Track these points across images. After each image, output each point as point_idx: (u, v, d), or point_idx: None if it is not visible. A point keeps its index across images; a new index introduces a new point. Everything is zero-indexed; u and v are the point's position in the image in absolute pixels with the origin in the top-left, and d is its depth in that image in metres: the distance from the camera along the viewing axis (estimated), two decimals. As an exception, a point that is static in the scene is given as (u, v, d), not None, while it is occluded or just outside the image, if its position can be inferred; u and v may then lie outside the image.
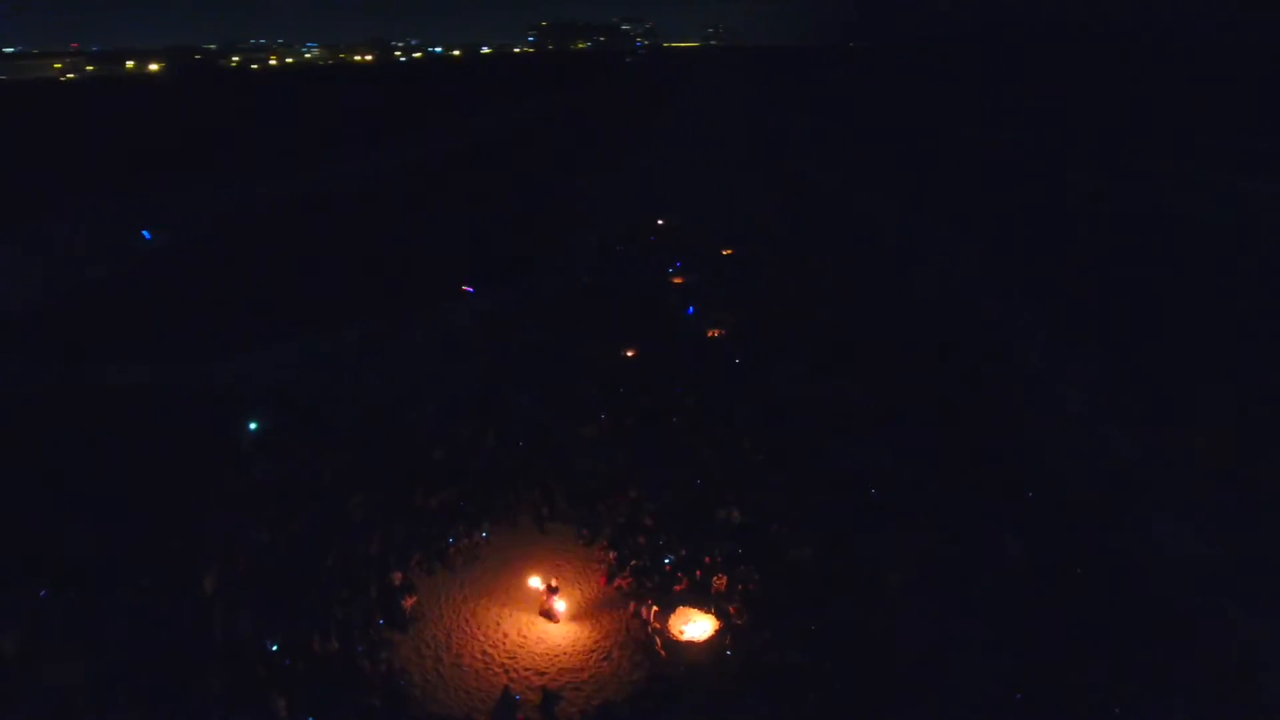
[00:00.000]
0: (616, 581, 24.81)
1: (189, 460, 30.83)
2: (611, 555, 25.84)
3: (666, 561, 25.32)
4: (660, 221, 71.45)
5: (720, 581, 24.19)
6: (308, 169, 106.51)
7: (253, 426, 32.46)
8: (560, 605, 23.51)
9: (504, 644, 22.66)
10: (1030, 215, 77.23)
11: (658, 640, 22.39)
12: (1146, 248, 65.03)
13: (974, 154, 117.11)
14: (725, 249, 62.80)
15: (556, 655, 22.21)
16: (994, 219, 75.35)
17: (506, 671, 21.58)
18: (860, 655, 21.14)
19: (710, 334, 45.72)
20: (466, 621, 23.50)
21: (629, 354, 42.87)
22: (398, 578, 24.58)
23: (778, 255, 61.07)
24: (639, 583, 24.60)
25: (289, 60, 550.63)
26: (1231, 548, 26.01)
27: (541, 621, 23.47)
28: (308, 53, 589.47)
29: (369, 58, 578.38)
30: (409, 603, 23.75)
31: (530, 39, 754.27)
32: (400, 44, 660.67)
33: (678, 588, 24.43)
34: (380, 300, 51.10)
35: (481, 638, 22.87)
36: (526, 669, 21.70)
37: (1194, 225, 72.27)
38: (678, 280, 55.92)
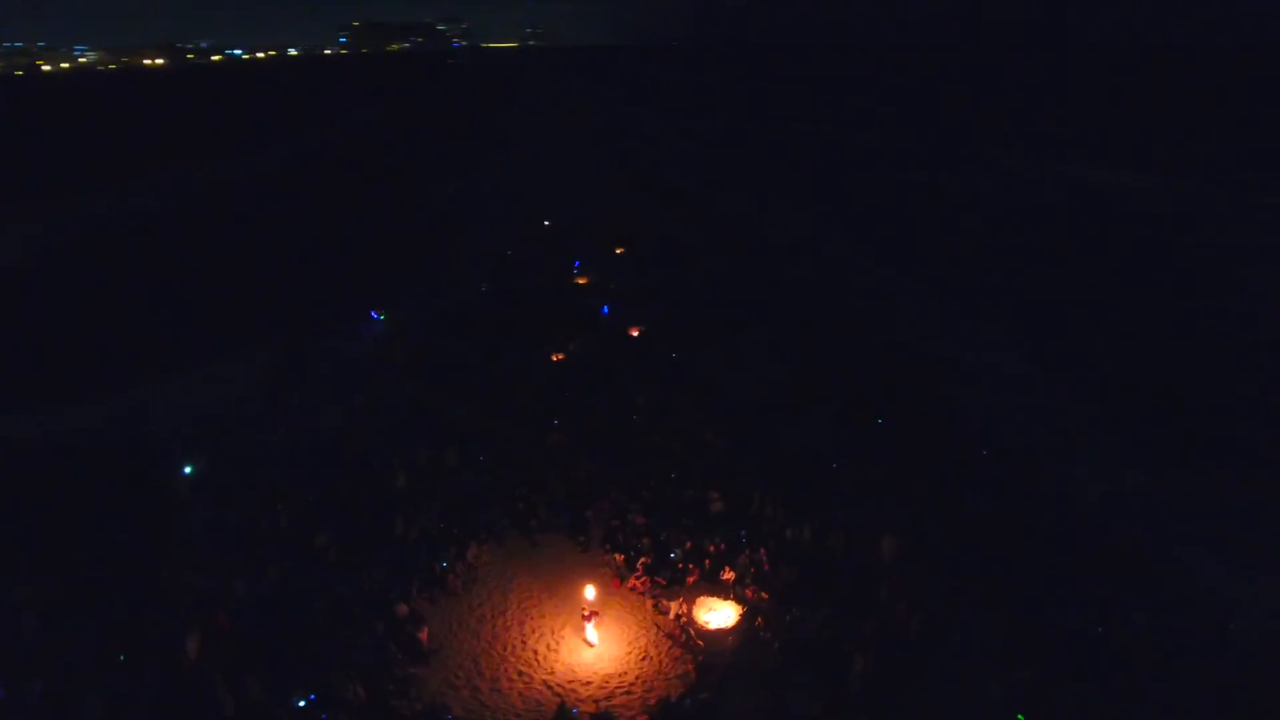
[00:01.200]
0: (630, 581, 24.93)
1: (126, 515, 27.44)
2: (619, 557, 25.89)
3: (672, 555, 25.76)
4: (546, 223, 71.00)
5: (731, 568, 24.98)
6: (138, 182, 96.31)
7: (187, 470, 29.24)
8: (592, 634, 22.98)
9: (537, 661, 22.16)
10: (889, 202, 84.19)
11: (690, 632, 22.83)
12: (994, 225, 73.09)
13: (821, 149, 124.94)
14: (617, 248, 63.59)
15: (594, 663, 22.05)
16: (852, 206, 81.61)
17: (550, 688, 21.17)
18: (880, 622, 22.61)
19: (631, 331, 46.28)
20: (490, 644, 22.72)
21: (556, 358, 42.62)
22: (403, 610, 23.34)
23: (668, 253, 62.65)
24: (653, 580, 24.86)
25: (64, 65, 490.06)
26: (1145, 487, 30.16)
27: (568, 633, 23.13)
28: (82, 57, 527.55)
29: (159, 61, 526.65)
30: (424, 634, 22.67)
31: (342, 40, 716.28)
32: (191, 46, 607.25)
33: (690, 579, 24.96)
34: (273, 325, 47.42)
35: (512, 658, 22.22)
36: (570, 681, 21.38)
37: (1030, 207, 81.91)
38: (581, 280, 55.99)
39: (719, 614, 23.67)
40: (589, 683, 21.33)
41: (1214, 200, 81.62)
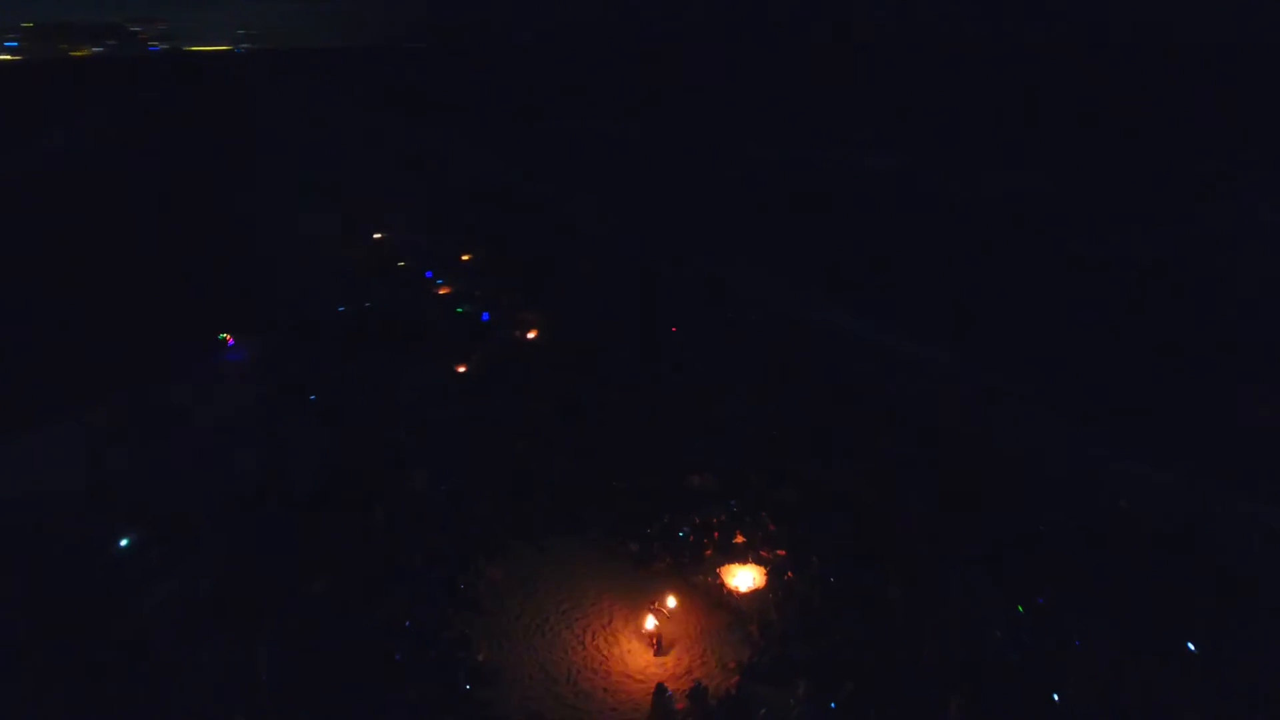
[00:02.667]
0: (654, 566, 25.77)
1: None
2: (633, 547, 26.57)
3: (681, 534, 27.00)
4: (377, 236, 67.29)
5: (741, 533, 26.84)
6: None
7: (123, 543, 24.97)
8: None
9: (602, 658, 22.40)
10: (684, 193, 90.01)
11: (731, 597, 24.32)
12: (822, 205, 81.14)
13: (610, 144, 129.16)
14: (463, 254, 62.24)
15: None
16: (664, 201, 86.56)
17: (629, 678, 21.61)
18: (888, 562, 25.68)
19: (525, 335, 46.11)
20: (549, 651, 22.51)
21: (460, 369, 41.50)
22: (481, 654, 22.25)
23: (516, 256, 62.58)
24: (675, 560, 25.93)
25: None
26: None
27: (617, 628, 23.50)
28: None
29: None
30: (482, 656, 21.96)
31: (11, 45, 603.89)
32: None
33: (707, 553, 26.39)
34: (106, 364, 40.90)
35: (578, 659, 22.24)
36: (643, 671, 21.93)
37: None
38: (444, 290, 54.27)
39: (744, 577, 25.42)
40: (663, 664, 22.09)
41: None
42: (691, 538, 26.72)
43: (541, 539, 27.25)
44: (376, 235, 67.46)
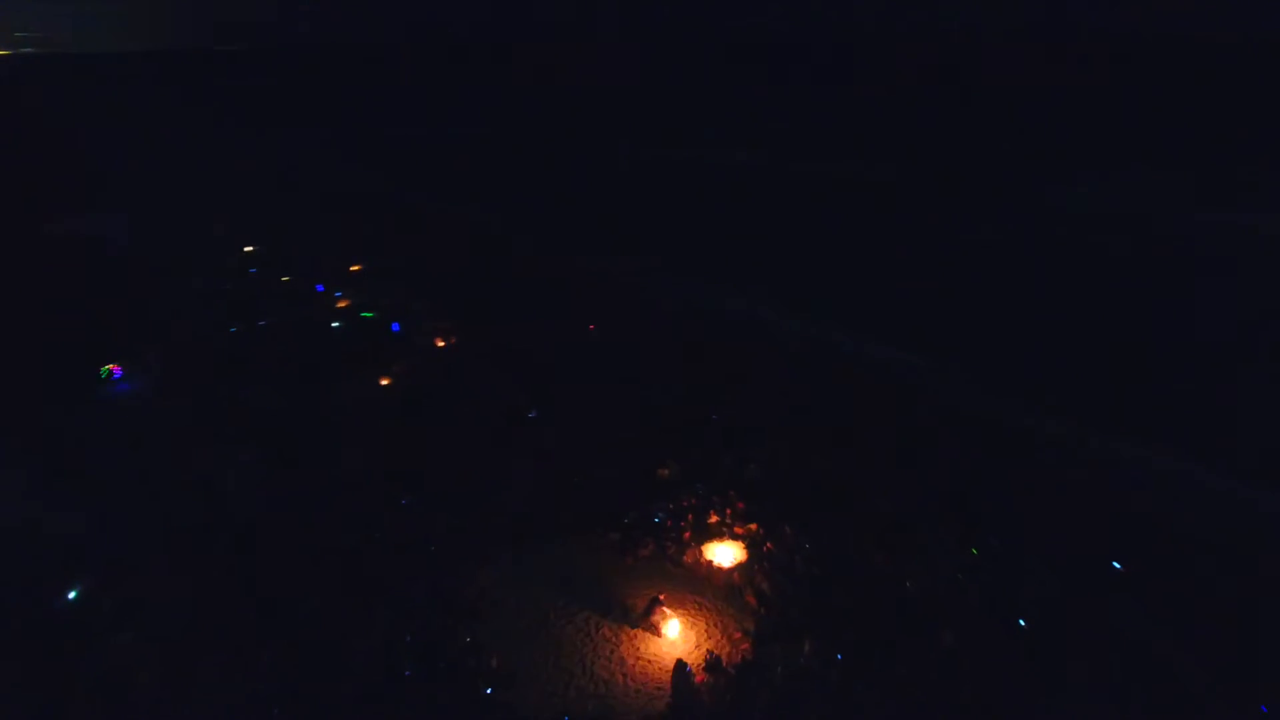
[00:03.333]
0: (640, 552, 26.50)
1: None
2: (614, 536, 27.12)
3: (656, 520, 27.90)
4: (249, 249, 62.94)
5: (715, 513, 28.14)
6: None
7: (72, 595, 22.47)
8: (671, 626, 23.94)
9: (611, 646, 22.90)
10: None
11: (720, 571, 25.53)
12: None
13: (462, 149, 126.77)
14: (352, 265, 59.65)
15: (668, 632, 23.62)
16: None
17: (644, 661, 22.27)
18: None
19: (439, 342, 45.12)
20: (557, 646, 22.75)
21: (384, 381, 40.17)
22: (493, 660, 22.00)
23: (413, 262, 60.81)
24: (658, 543, 26.78)
25: None
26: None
27: (618, 616, 24.02)
28: None
29: None
30: (495, 663, 21.89)
31: None
32: None
33: (686, 534, 27.43)
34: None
35: (589, 650, 22.65)
36: (655, 653, 22.64)
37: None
38: (342, 304, 51.87)
39: (725, 551, 26.71)
40: (673, 643, 22.93)
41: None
42: (669, 521, 27.72)
43: (521, 541, 27.33)
44: (247, 248, 63.17)
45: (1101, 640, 22.37)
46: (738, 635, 23.00)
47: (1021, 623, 22.95)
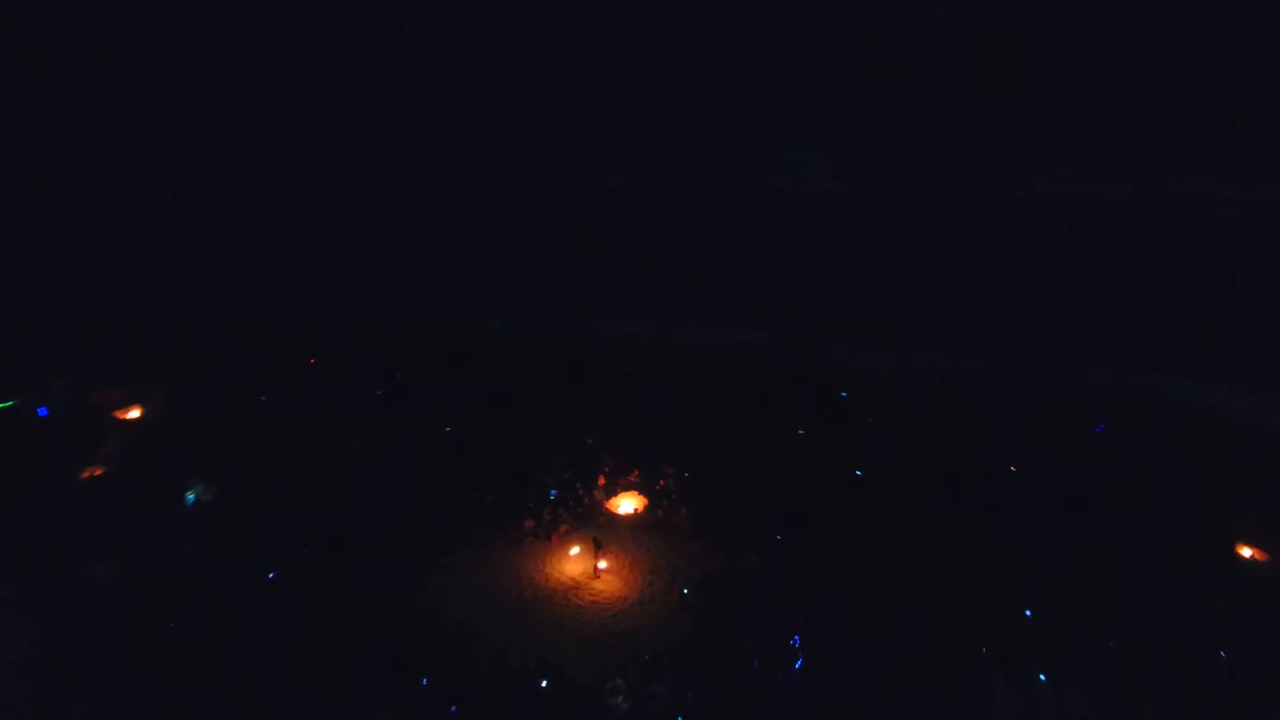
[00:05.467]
0: (561, 528, 29.51)
1: None
2: (529, 523, 29.69)
3: (553, 495, 30.95)
4: None
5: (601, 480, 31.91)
6: None
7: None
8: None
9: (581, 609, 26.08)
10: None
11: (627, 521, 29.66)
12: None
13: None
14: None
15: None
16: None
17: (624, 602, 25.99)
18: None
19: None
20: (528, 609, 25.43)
21: (261, 397, 37.84)
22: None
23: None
24: (572, 516, 29.96)
25: None
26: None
27: (577, 581, 27.05)
28: None
29: None
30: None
31: None
32: None
33: (586, 499, 30.86)
34: None
35: (567, 612, 25.65)
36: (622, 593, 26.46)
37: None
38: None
39: (629, 503, 30.69)
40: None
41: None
42: (568, 494, 30.93)
43: (440, 558, 28.93)
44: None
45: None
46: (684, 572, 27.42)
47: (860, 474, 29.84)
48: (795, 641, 23.03)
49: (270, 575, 26.73)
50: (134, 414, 37.56)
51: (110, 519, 29.84)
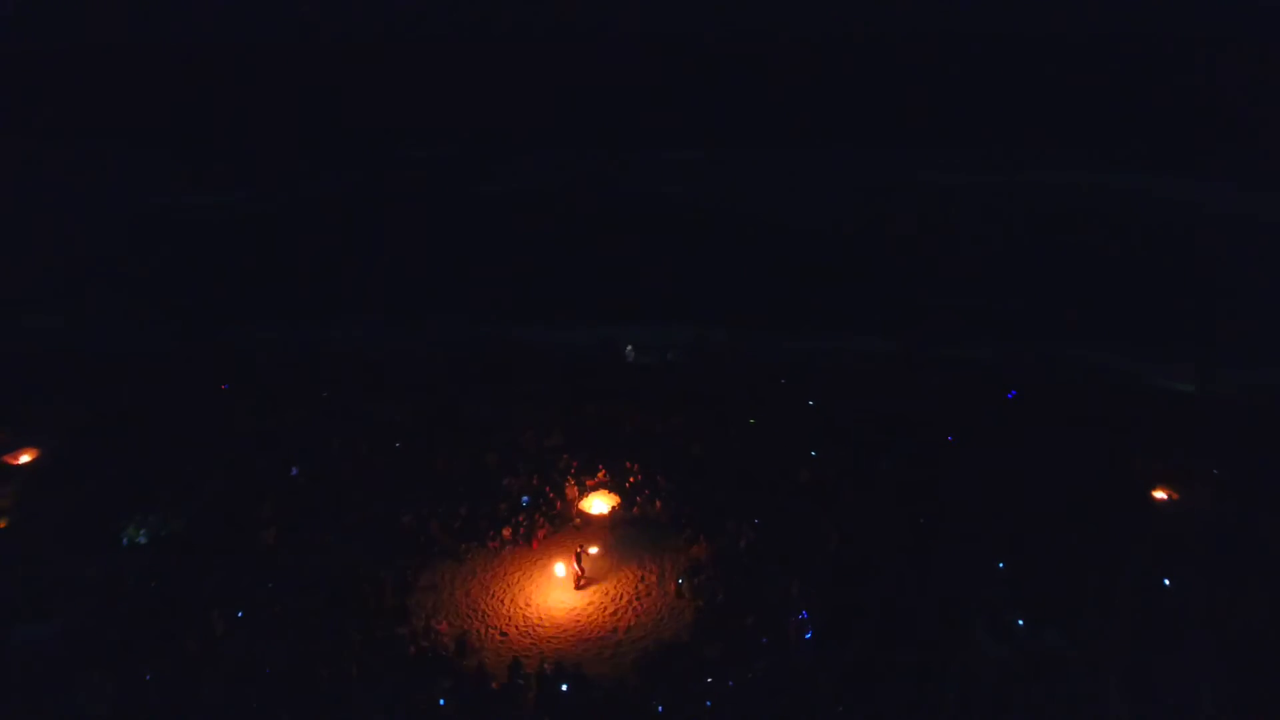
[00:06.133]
0: (539, 534, 29.00)
1: None
2: (505, 531, 28.96)
3: (525, 502, 30.41)
4: None
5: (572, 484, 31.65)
6: None
7: None
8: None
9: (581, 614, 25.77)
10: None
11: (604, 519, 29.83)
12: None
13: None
14: None
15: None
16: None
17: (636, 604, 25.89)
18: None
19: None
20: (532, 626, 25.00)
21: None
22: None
23: None
24: (549, 523, 29.48)
25: None
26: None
27: (564, 586, 26.65)
28: None
29: None
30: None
31: None
32: None
33: (558, 504, 30.52)
34: None
35: (568, 619, 25.35)
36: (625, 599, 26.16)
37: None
38: None
39: (601, 503, 30.58)
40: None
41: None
42: (541, 500, 30.51)
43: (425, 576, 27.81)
44: None
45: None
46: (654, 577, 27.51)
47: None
48: (804, 615, 23.80)
49: (239, 614, 24.83)
50: (26, 458, 33.82)
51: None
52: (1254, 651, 23.11)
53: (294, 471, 31.52)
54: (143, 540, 28.25)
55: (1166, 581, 25.21)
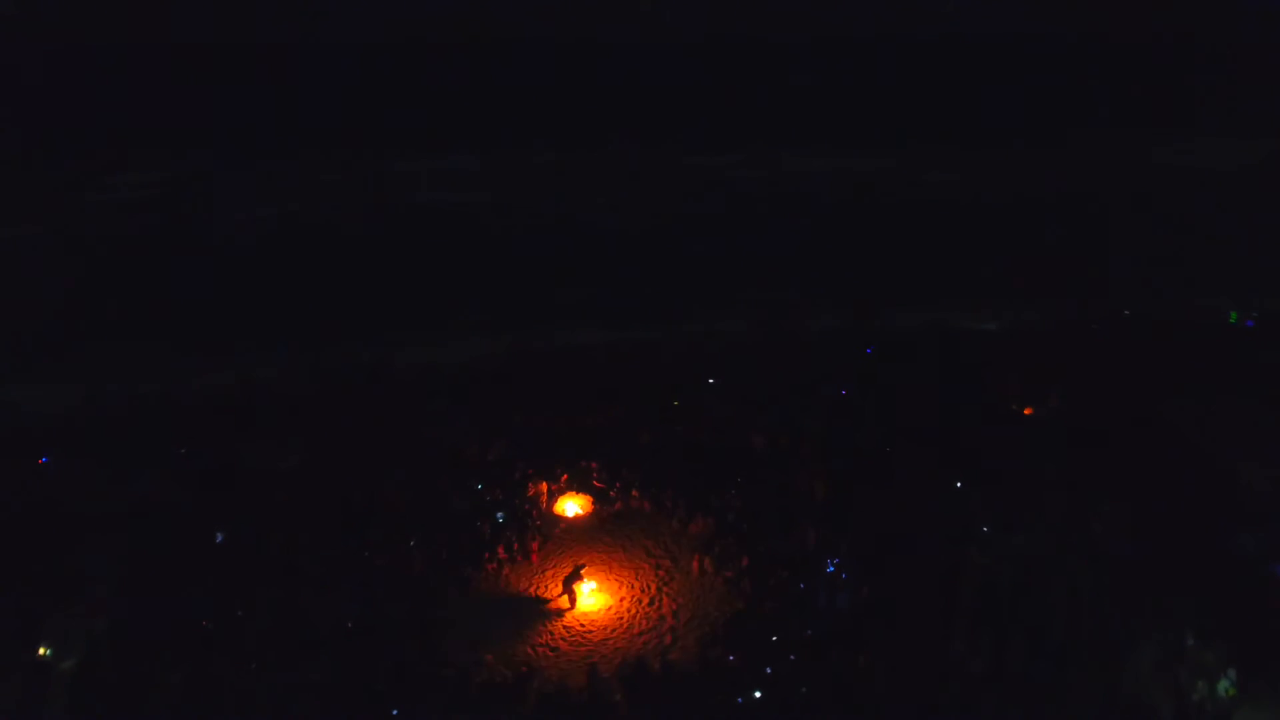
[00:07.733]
0: (533, 545, 27.29)
1: None
2: (500, 550, 26.81)
3: (500, 518, 28.40)
4: None
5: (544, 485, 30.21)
6: None
7: None
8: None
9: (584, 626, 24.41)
10: None
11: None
12: None
13: None
14: None
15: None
16: None
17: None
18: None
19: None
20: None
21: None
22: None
23: None
24: (523, 528, 27.98)
25: None
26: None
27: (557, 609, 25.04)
28: None
29: None
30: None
31: None
32: None
33: (534, 512, 28.86)
34: None
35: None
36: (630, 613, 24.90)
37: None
38: None
39: (573, 505, 29.53)
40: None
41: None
42: (516, 511, 28.72)
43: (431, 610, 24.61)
44: None
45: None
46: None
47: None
48: (830, 567, 25.12)
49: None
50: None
51: None
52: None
53: (219, 538, 26.12)
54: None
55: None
